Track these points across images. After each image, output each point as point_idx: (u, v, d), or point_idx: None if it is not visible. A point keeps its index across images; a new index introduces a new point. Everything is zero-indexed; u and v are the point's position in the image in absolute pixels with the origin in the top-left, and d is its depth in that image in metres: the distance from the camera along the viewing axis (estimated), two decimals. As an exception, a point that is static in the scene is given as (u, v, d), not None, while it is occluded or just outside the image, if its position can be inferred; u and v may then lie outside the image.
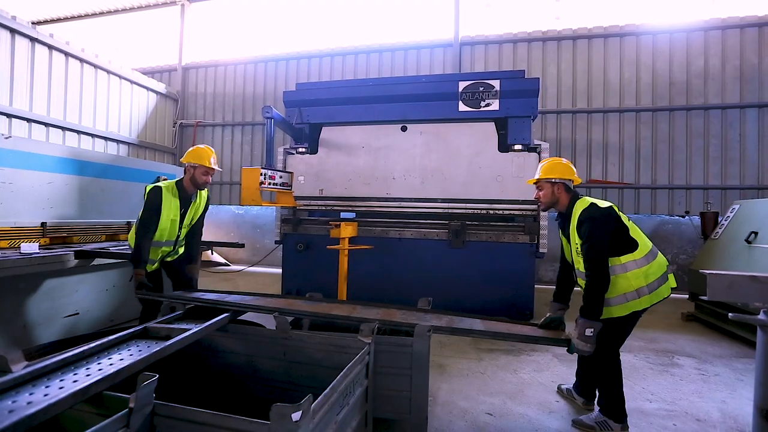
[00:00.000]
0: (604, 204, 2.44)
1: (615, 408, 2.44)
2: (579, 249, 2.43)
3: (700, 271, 3.09)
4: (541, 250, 4.93)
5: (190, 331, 2.01)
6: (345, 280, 4.29)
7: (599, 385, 2.55)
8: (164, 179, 5.29)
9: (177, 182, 3.17)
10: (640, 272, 2.37)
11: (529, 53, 8.02)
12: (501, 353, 3.82)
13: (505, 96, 5.02)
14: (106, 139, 7.81)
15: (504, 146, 5.19)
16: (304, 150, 5.80)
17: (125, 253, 3.64)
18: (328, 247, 4.24)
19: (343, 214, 5.79)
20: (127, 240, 4.68)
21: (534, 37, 7.95)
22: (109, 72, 7.76)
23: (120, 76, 8.04)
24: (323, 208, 5.66)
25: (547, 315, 2.63)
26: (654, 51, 7.48)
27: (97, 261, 3.71)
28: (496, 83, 5.03)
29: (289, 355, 2.28)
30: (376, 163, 5.59)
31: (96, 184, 4.34)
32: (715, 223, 5.39)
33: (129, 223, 4.76)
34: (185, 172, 3.15)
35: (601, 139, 7.68)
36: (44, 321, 3.52)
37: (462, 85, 5.11)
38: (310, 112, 5.71)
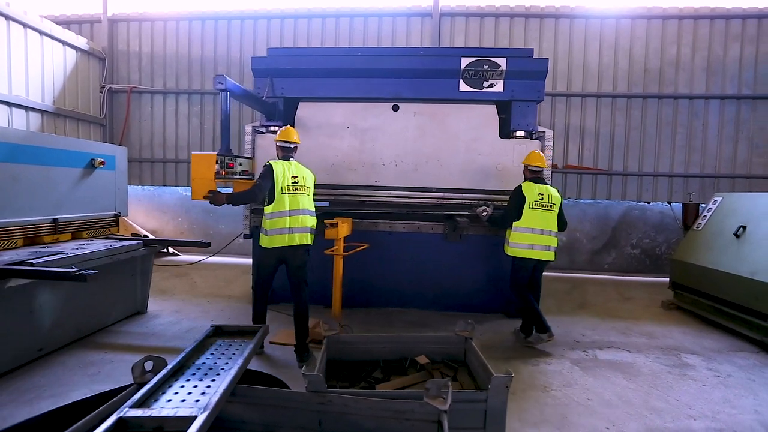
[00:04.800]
0: (524, 189, 3.94)
1: (527, 327, 4.01)
2: None
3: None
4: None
5: (198, 423, 1.35)
6: (340, 287, 3.70)
7: (521, 314, 4.18)
8: (101, 162, 4.23)
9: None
10: (522, 234, 3.90)
11: (511, 29, 7.60)
12: (518, 362, 3.53)
13: (510, 76, 4.56)
14: (9, 104, 6.20)
15: (505, 132, 4.79)
16: (277, 129, 4.94)
17: (60, 271, 2.69)
18: (325, 251, 3.58)
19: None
20: (52, 243, 3.65)
21: (517, 12, 7.52)
22: (7, 18, 6.08)
23: (24, 24, 6.34)
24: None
25: None
26: (632, 36, 7.41)
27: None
28: (502, 62, 4.53)
29: (327, 424, 1.70)
30: (363, 147, 4.92)
31: (4, 171, 3.24)
32: (696, 214, 5.51)
33: (55, 221, 3.69)
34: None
35: (579, 123, 7.60)
36: (-61, 365, 2.55)
37: (465, 61, 4.55)
38: (285, 83, 4.83)
